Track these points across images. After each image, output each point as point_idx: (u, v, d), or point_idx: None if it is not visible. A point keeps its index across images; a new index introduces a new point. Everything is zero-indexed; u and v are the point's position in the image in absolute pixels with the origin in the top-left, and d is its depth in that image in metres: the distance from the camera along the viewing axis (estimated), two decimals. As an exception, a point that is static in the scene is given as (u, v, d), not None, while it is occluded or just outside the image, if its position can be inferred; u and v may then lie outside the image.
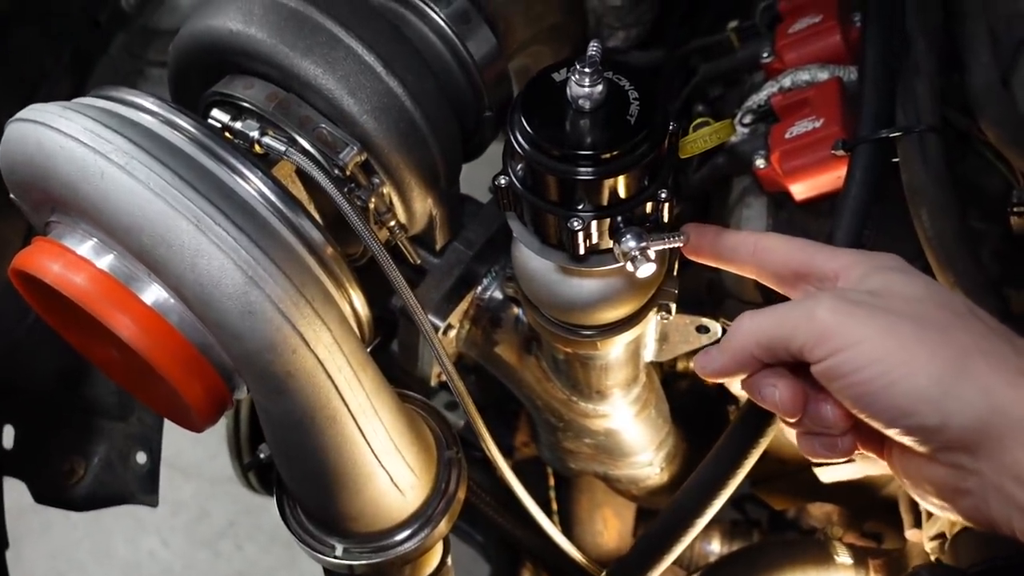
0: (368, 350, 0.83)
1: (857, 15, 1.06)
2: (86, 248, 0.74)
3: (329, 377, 0.74)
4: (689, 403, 1.30)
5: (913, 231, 0.86)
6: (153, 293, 0.73)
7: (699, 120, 0.93)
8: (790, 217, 1.00)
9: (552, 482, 1.37)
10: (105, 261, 0.74)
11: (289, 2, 0.83)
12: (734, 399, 1.13)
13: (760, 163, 0.98)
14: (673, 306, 0.89)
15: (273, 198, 0.74)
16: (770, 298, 1.01)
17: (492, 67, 0.97)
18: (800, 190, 0.96)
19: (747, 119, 1.06)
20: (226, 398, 0.80)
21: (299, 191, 0.89)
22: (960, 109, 0.90)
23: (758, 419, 0.87)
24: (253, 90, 0.84)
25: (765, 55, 1.11)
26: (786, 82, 1.04)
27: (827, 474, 1.05)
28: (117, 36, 1.24)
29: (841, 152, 0.89)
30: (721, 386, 1.19)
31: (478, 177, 1.10)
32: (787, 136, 0.96)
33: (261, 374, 0.73)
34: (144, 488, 1.12)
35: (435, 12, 0.93)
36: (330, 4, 0.84)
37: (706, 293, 1.11)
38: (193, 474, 2.43)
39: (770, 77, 1.11)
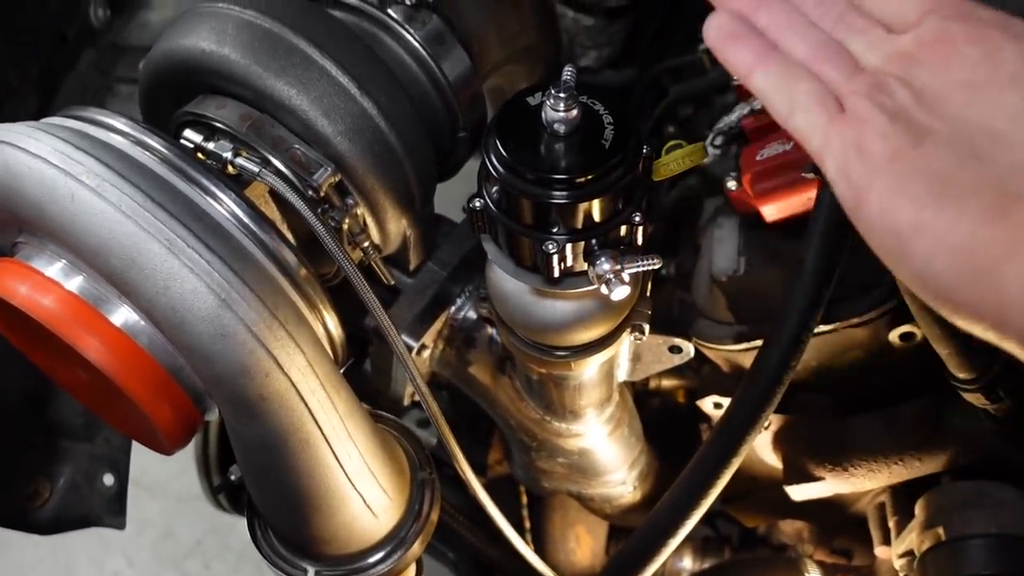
0: (342, 371, 0.83)
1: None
2: (54, 270, 0.73)
3: (302, 400, 0.73)
4: (661, 421, 1.30)
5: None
6: (123, 315, 0.73)
7: (672, 143, 0.94)
8: (762, 238, 1.01)
9: (525, 500, 1.37)
10: (74, 283, 0.73)
11: (263, 22, 0.83)
12: (706, 417, 1.14)
13: (731, 184, 0.99)
14: (647, 327, 0.89)
15: (246, 219, 0.74)
16: (742, 319, 1.02)
17: (466, 88, 0.98)
18: (771, 212, 0.97)
19: (718, 140, 1.07)
20: (196, 420, 0.79)
21: (272, 211, 0.88)
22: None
23: (730, 438, 0.88)
24: (226, 110, 0.84)
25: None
26: (757, 104, 1.05)
27: (798, 492, 1.06)
28: (86, 52, 1.23)
29: (811, 175, 0.90)
30: (693, 403, 1.19)
31: (452, 193, 1.10)
32: (758, 158, 0.97)
33: (233, 397, 0.72)
34: (111, 510, 1.10)
35: (409, 33, 0.93)
36: (305, 25, 0.83)
37: (677, 313, 1.11)
38: (159, 492, 2.39)
39: (741, 98, 1.13)
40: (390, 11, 0.93)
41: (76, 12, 1.21)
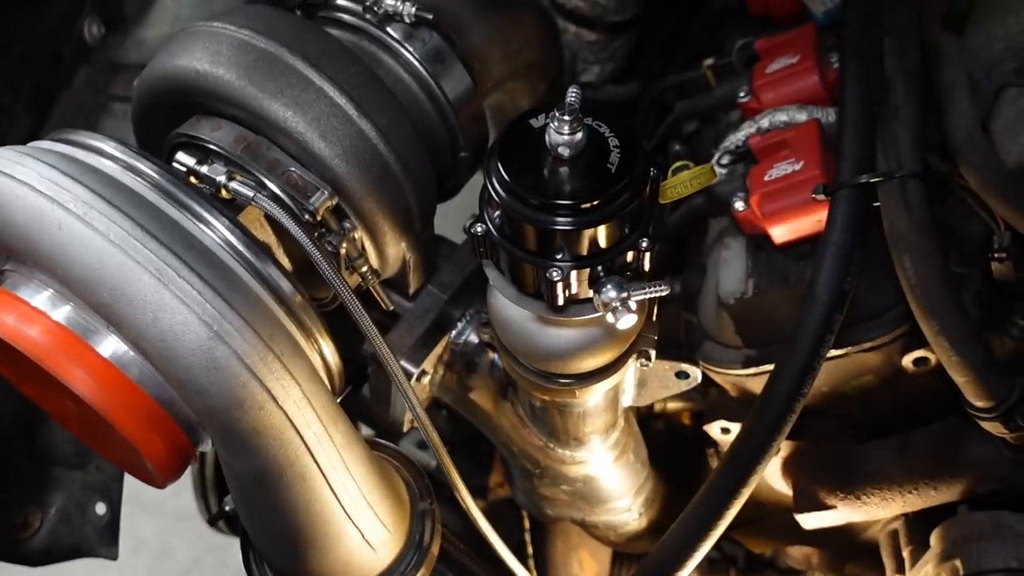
0: (339, 399, 0.80)
1: (834, 56, 1.05)
2: (42, 299, 0.71)
3: (298, 433, 0.71)
4: (667, 443, 1.28)
5: (895, 277, 0.85)
6: (111, 345, 0.70)
7: (678, 164, 0.92)
8: (770, 260, 0.99)
9: (527, 524, 1.34)
10: (61, 313, 0.71)
11: (259, 42, 0.81)
12: (712, 442, 1.11)
13: (739, 205, 0.97)
14: (653, 353, 0.87)
15: (240, 247, 0.72)
16: (750, 343, 1.00)
17: (467, 107, 0.96)
18: (780, 233, 0.95)
19: (725, 160, 1.05)
20: (189, 452, 0.76)
21: (267, 235, 0.86)
22: (940, 153, 0.89)
23: (740, 468, 0.86)
24: (220, 132, 0.82)
25: (742, 94, 1.10)
26: (764, 123, 1.03)
27: (809, 520, 1.03)
28: (80, 70, 1.21)
29: (822, 196, 0.88)
30: (699, 426, 1.17)
31: (453, 209, 1.08)
32: (766, 179, 0.94)
33: (226, 431, 0.69)
34: (104, 540, 1.07)
35: (409, 52, 0.91)
36: (301, 45, 0.81)
37: (684, 334, 1.09)
38: (155, 511, 2.36)
39: (747, 116, 1.10)
40: (389, 29, 0.91)
41: (71, 30, 1.19)
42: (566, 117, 0.66)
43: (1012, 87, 0.87)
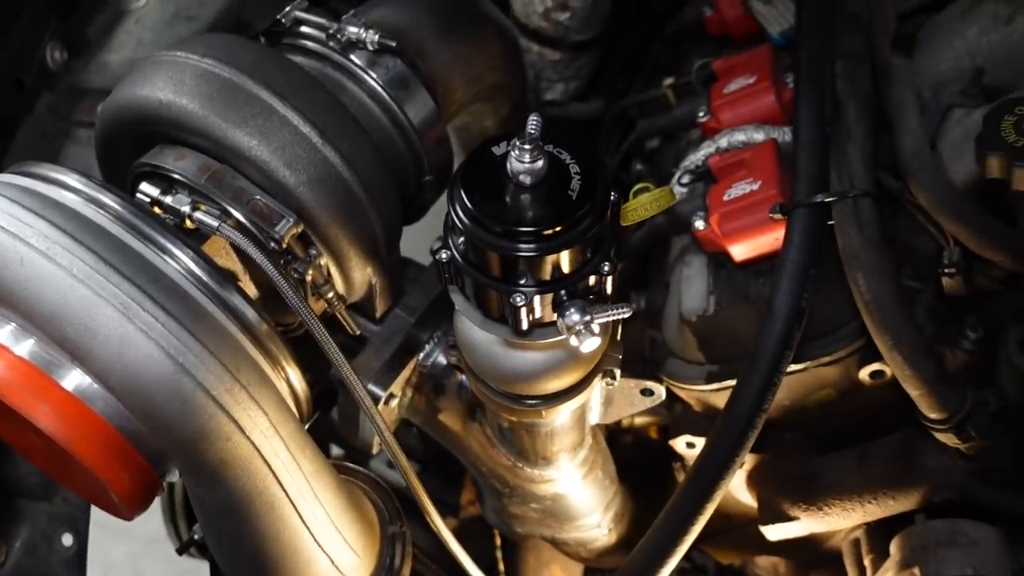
0: (307, 426, 0.81)
1: (790, 76, 1.08)
2: (3, 334, 0.70)
3: (266, 463, 0.71)
4: (635, 457, 1.29)
5: (850, 292, 0.87)
6: (75, 379, 0.70)
7: (639, 186, 0.93)
8: (730, 276, 1.01)
9: (499, 541, 1.34)
10: (24, 347, 0.70)
11: (222, 71, 0.81)
12: (678, 456, 1.13)
13: (699, 224, 0.99)
14: (618, 371, 0.88)
15: (204, 277, 0.72)
16: (713, 359, 1.02)
17: (431, 131, 0.97)
18: (740, 251, 0.97)
19: (685, 179, 1.07)
20: (156, 484, 0.76)
21: (233, 263, 0.86)
22: (891, 171, 0.92)
23: (705, 482, 0.87)
24: (184, 161, 0.82)
25: (701, 114, 1.13)
26: (723, 142, 1.05)
27: (774, 532, 1.05)
28: (42, 96, 1.20)
29: (779, 215, 0.90)
30: (666, 440, 1.18)
31: (419, 230, 1.08)
32: (725, 198, 0.97)
33: (194, 463, 0.70)
34: (71, 571, 1.06)
35: (372, 78, 0.92)
36: (264, 73, 0.82)
37: (648, 351, 1.10)
38: (125, 534, 2.32)
39: (706, 136, 1.13)
40: (353, 56, 0.92)
41: (33, 56, 1.19)
42: (527, 146, 0.67)
43: (958, 108, 0.90)
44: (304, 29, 0.94)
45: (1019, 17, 0.94)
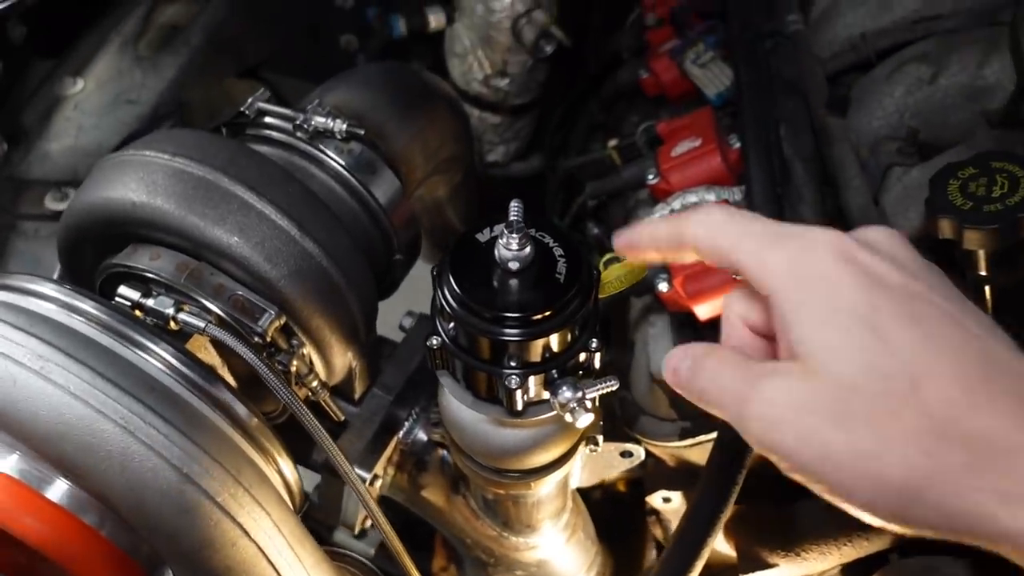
0: (299, 515, 0.80)
1: (733, 137, 1.13)
2: (-14, 451, 0.69)
3: (271, 563, 0.71)
4: (605, 511, 1.31)
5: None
6: (61, 490, 0.68)
7: (608, 256, 0.96)
8: (696, 334, 1.04)
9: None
10: (8, 463, 0.68)
11: (195, 170, 0.81)
12: (653, 510, 1.15)
13: (663, 287, 1.02)
14: (600, 438, 0.90)
15: (197, 379, 0.72)
16: (685, 415, 1.05)
17: (399, 210, 0.98)
18: (704, 311, 1.01)
19: (644, 241, 1.10)
20: (152, 592, 0.75)
21: (212, 356, 0.86)
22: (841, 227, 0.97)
23: (695, 538, 0.89)
24: (161, 261, 0.81)
25: (651, 176, 1.17)
26: (676, 204, 1.09)
27: (753, 580, 1.08)
28: (-17, 189, 1.17)
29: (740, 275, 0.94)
30: (635, 493, 1.21)
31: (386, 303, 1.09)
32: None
33: (198, 570, 0.68)
34: None
35: (340, 165, 0.93)
36: (238, 169, 0.82)
37: (619, 410, 1.13)
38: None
39: (657, 197, 1.17)
40: (321, 145, 0.93)
41: (-28, 150, 1.16)
42: (514, 235, 0.70)
43: (897, 166, 0.96)
44: (269, 120, 0.94)
45: (941, 77, 1.01)
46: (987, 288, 0.79)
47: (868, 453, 0.48)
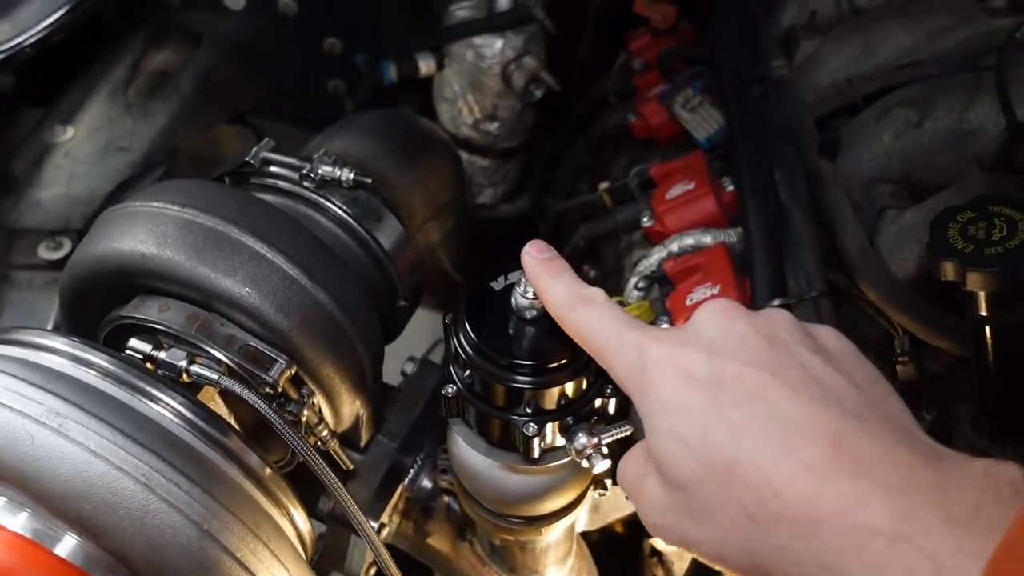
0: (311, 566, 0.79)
1: (726, 179, 1.16)
2: (-5, 510, 0.67)
3: (288, 618, 0.70)
4: (602, 552, 1.31)
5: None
6: (72, 546, 0.67)
7: (616, 300, 0.97)
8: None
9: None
10: (18, 521, 0.67)
11: (205, 221, 0.81)
12: (657, 551, 1.15)
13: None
14: (609, 482, 0.90)
15: (215, 433, 0.71)
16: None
17: (403, 257, 0.99)
18: (706, 352, 1.02)
19: (641, 284, 1.12)
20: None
21: (219, 407, 0.85)
22: (839, 269, 0.99)
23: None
24: (170, 312, 0.81)
25: (646, 219, 1.19)
26: (673, 247, 1.11)
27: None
28: (-25, 240, 1.16)
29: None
30: (632, 533, 1.21)
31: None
32: (688, 303, 1.02)
33: (216, 628, 0.67)
34: None
35: (347, 213, 0.94)
36: (248, 219, 0.82)
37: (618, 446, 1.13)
38: None
39: (652, 239, 1.19)
40: (325, 192, 0.94)
41: (-37, 200, 1.15)
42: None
43: (891, 209, 0.99)
44: (274, 169, 0.95)
45: (927, 121, 1.04)
46: (987, 328, 0.81)
47: (716, 542, 0.53)
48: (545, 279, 0.67)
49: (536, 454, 0.74)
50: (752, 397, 0.52)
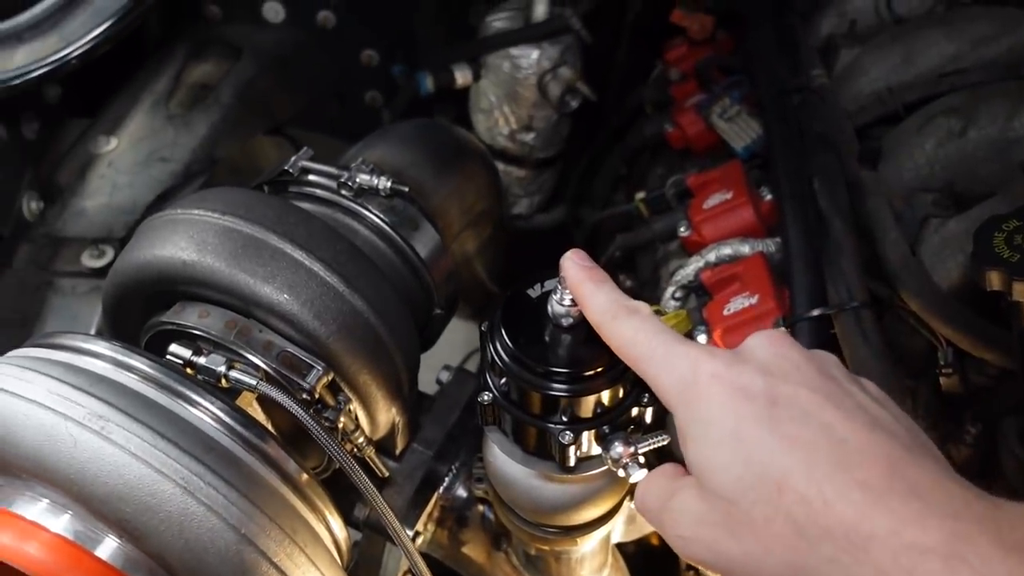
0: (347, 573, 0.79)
1: (764, 189, 1.15)
2: (37, 511, 0.68)
3: (323, 624, 0.70)
4: (638, 564, 1.29)
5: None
6: (113, 549, 0.68)
7: (654, 309, 0.97)
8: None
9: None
10: (61, 523, 0.68)
11: (244, 228, 0.82)
12: (692, 565, 1.13)
13: (702, 339, 1.02)
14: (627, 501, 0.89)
15: (253, 438, 0.72)
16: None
17: (439, 265, 0.99)
18: (743, 363, 1.00)
19: (678, 294, 1.11)
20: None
21: (257, 413, 0.85)
22: (879, 279, 0.97)
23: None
24: (209, 319, 0.82)
25: (683, 229, 1.18)
26: (711, 257, 1.10)
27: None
28: (20, 248, 1.18)
29: (782, 329, 0.95)
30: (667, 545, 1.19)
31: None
32: (725, 313, 1.01)
33: (252, 633, 0.67)
34: None
35: (384, 221, 0.94)
36: (287, 227, 0.83)
37: (655, 458, 1.12)
38: None
39: (689, 249, 1.18)
40: (363, 201, 0.94)
41: (10, 209, 1.17)
42: (567, 290, 0.70)
43: (934, 218, 0.97)
44: (313, 178, 0.96)
45: (971, 130, 1.03)
46: (1034, 339, 0.79)
47: (756, 557, 0.52)
48: (587, 286, 0.66)
49: (572, 463, 0.74)
50: (807, 415, 0.53)
